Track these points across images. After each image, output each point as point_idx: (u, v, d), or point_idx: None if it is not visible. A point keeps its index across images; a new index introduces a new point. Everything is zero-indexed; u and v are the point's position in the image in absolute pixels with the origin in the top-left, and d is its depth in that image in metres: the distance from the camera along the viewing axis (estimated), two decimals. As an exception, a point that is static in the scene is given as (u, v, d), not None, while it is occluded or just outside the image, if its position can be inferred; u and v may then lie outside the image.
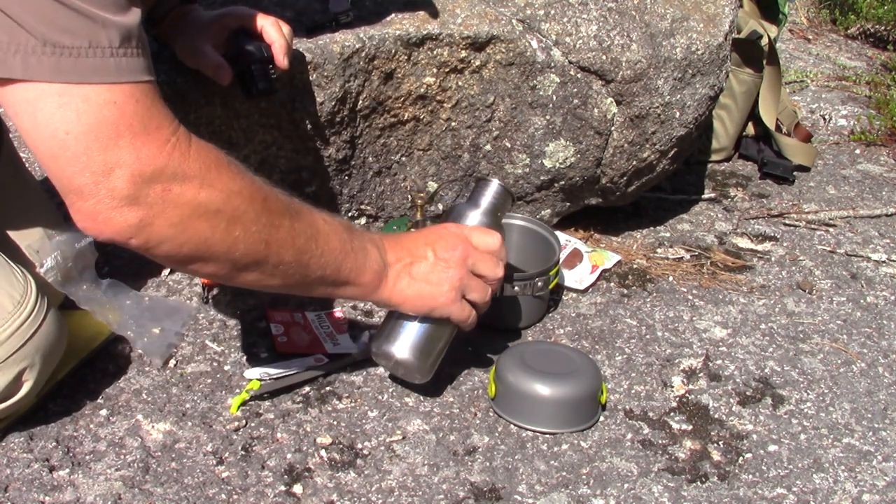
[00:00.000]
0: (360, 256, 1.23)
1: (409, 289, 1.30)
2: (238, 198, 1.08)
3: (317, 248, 1.18)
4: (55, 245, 1.38)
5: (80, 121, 0.97)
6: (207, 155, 1.06)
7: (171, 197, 1.02)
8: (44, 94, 0.97)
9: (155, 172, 1.01)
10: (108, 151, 0.98)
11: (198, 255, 1.08)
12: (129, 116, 0.99)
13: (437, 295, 1.31)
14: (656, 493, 1.31)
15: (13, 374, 1.23)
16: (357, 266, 1.23)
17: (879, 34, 3.46)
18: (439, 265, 1.30)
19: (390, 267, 1.28)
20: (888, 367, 1.62)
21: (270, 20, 1.41)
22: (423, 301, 1.31)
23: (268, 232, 1.11)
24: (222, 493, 1.24)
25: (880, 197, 2.23)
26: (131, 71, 1.00)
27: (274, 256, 1.13)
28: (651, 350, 1.61)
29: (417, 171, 1.71)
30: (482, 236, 1.36)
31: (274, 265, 1.14)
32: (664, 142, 1.75)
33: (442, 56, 1.60)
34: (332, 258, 1.20)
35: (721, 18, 1.76)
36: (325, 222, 1.20)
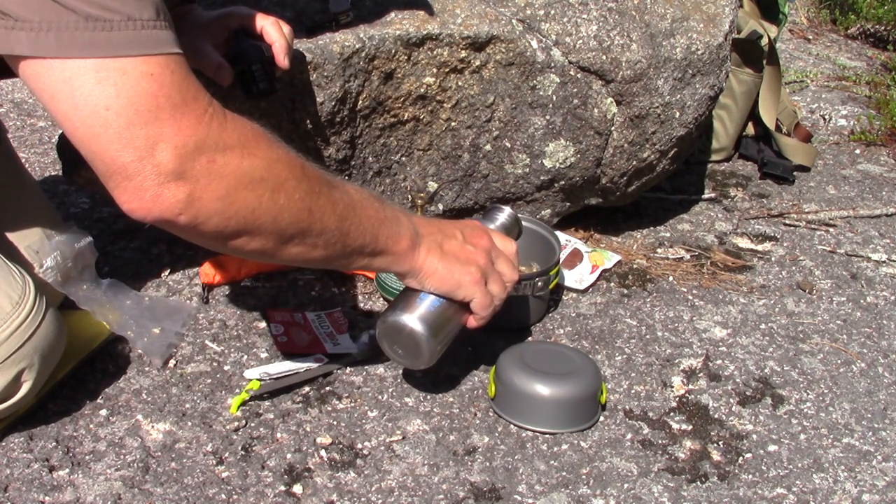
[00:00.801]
0: (394, 225, 1.23)
1: (441, 262, 1.28)
2: (279, 164, 1.08)
3: (355, 216, 1.17)
4: (55, 245, 1.38)
5: (120, 95, 0.96)
6: (244, 124, 1.07)
7: (216, 168, 1.02)
8: (80, 72, 0.96)
9: (198, 144, 1.00)
10: (150, 125, 0.97)
11: (245, 227, 1.07)
12: (168, 87, 0.99)
13: (465, 273, 1.29)
14: (656, 493, 1.31)
15: (12, 374, 1.23)
16: (392, 234, 1.22)
17: (879, 34, 3.46)
18: (468, 246, 1.30)
19: (421, 236, 1.27)
20: (888, 367, 1.62)
21: (270, 20, 1.41)
22: (451, 277, 1.29)
23: (310, 199, 1.11)
24: (222, 493, 1.24)
25: (880, 197, 2.23)
26: (164, 43, 1.00)
27: (317, 224, 1.13)
28: (651, 350, 1.61)
29: (417, 171, 1.71)
30: (502, 240, 1.38)
31: (318, 233, 1.14)
32: (664, 142, 1.75)
33: (442, 56, 1.60)
34: (370, 225, 1.19)
35: (721, 18, 1.76)
36: (357, 192, 1.21)
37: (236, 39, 1.41)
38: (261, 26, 1.41)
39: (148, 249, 1.75)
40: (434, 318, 1.32)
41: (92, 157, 1.00)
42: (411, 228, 1.26)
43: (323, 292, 1.67)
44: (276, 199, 1.07)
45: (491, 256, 1.33)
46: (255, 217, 1.07)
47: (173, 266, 1.70)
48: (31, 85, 1.00)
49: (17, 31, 0.96)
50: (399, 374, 1.49)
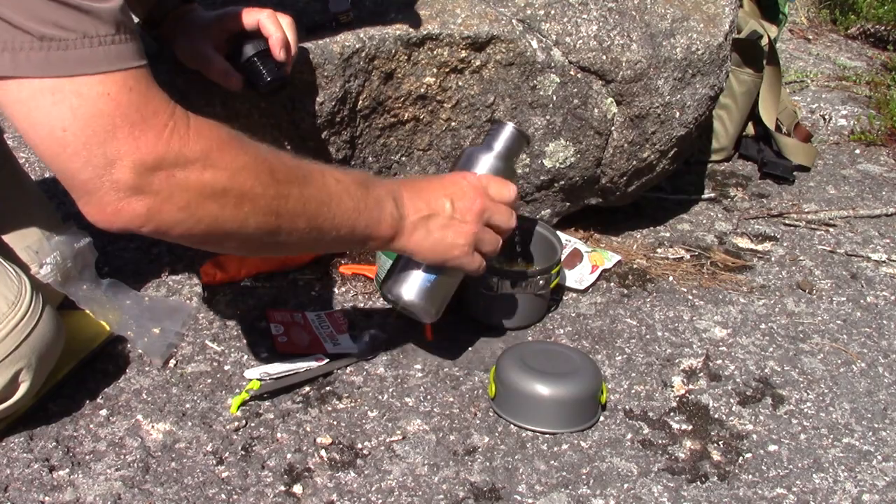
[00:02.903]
0: (376, 212, 1.23)
1: (426, 241, 1.30)
2: (243, 174, 1.07)
3: (329, 212, 1.17)
4: (54, 245, 1.38)
5: (76, 116, 0.96)
6: (209, 134, 1.05)
7: (176, 182, 1.02)
8: (37, 93, 0.96)
9: (156, 160, 1.00)
10: (108, 144, 0.97)
11: (212, 234, 1.08)
12: (125, 107, 0.98)
13: (452, 248, 1.32)
14: (656, 493, 1.31)
15: (9, 375, 1.23)
16: (372, 222, 1.23)
17: (879, 34, 3.46)
18: (456, 219, 1.30)
19: (407, 219, 1.27)
20: (888, 367, 1.62)
21: (265, 13, 1.39)
22: (437, 253, 1.32)
23: (277, 203, 1.11)
24: (222, 493, 1.24)
25: (880, 197, 2.23)
26: (122, 58, 0.99)
27: (286, 225, 1.13)
28: (651, 350, 1.61)
29: (417, 171, 1.71)
30: (499, 187, 1.36)
31: (288, 233, 1.14)
32: (664, 142, 1.75)
33: (442, 56, 1.59)
34: (346, 218, 1.19)
35: (721, 18, 1.76)
36: (337, 182, 1.19)
37: (236, 39, 1.41)
38: (257, 20, 1.39)
39: (148, 249, 1.75)
40: (429, 285, 1.37)
41: (54, 171, 1.02)
42: (394, 213, 1.26)
43: (323, 292, 1.67)
44: (241, 207, 1.08)
45: (483, 218, 1.33)
46: (220, 225, 1.08)
47: (173, 266, 1.70)
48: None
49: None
50: (399, 374, 1.49)
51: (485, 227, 1.34)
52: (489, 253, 1.36)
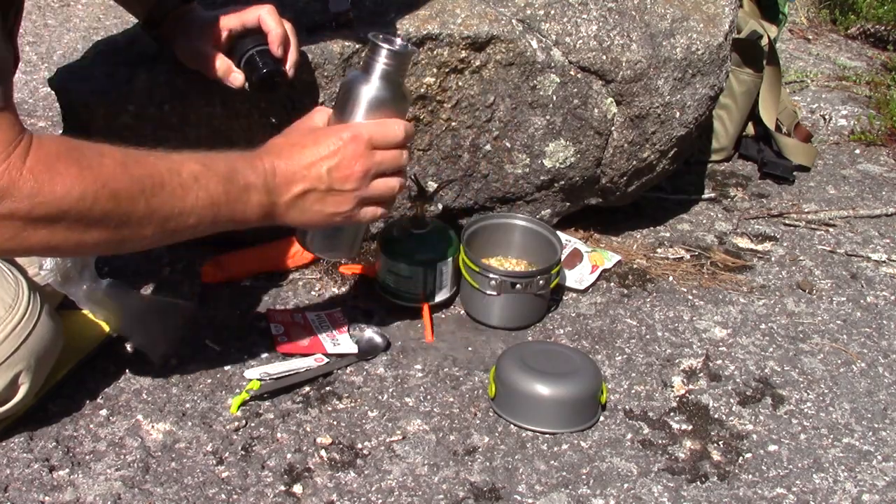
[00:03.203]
0: (240, 204, 1.19)
1: (302, 216, 1.26)
2: (80, 202, 1.06)
3: (181, 215, 1.14)
4: (55, 245, 1.38)
5: None
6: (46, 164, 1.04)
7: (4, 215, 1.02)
8: None
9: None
10: None
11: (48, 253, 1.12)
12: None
13: (332, 216, 1.27)
14: (656, 493, 1.31)
15: (9, 377, 1.23)
16: (236, 212, 1.19)
17: (879, 34, 3.46)
18: (334, 189, 1.24)
19: (279, 201, 1.22)
20: (888, 367, 1.62)
21: (267, 8, 1.38)
22: (317, 223, 1.29)
23: (118, 220, 1.10)
24: (222, 493, 1.24)
25: (880, 197, 2.23)
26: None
27: (132, 235, 1.13)
28: (651, 350, 1.61)
29: (417, 171, 1.71)
30: (383, 132, 1.27)
31: (135, 241, 1.15)
32: (664, 142, 1.75)
33: (442, 56, 1.59)
34: (204, 214, 1.16)
35: (721, 18, 1.76)
36: (195, 179, 1.15)
37: (235, 36, 1.41)
38: (257, 16, 1.39)
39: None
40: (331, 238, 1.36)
41: None
42: (263, 200, 1.21)
43: (323, 292, 1.67)
44: (74, 231, 1.08)
45: (368, 176, 1.26)
46: (53, 248, 1.09)
47: (173, 265, 1.70)
48: None
49: None
50: (399, 374, 1.49)
51: (372, 182, 1.27)
52: (386, 202, 1.31)
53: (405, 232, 1.62)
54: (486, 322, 1.62)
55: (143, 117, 1.49)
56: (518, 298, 1.60)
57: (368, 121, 1.26)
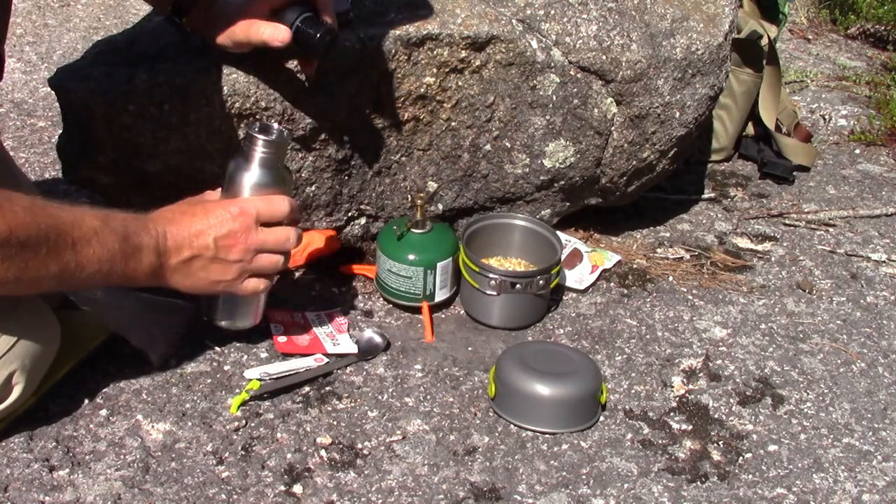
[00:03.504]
0: (132, 263, 1.23)
1: (186, 280, 1.30)
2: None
3: (78, 266, 1.17)
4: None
5: None
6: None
7: None
8: None
9: None
10: None
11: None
12: None
13: (215, 284, 1.32)
14: (656, 493, 1.31)
15: (2, 377, 1.23)
16: (128, 270, 1.23)
17: (879, 34, 3.46)
18: (219, 258, 1.30)
19: (166, 265, 1.27)
20: (888, 367, 1.62)
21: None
22: (199, 289, 1.33)
23: (18, 269, 1.12)
24: (222, 493, 1.24)
25: (880, 197, 2.23)
26: None
27: (28, 283, 1.15)
28: (651, 350, 1.61)
29: (417, 171, 1.71)
30: (269, 207, 1.33)
31: (30, 287, 1.18)
32: (664, 142, 1.75)
33: (442, 56, 1.59)
34: (99, 268, 1.20)
35: (721, 18, 1.76)
36: (94, 234, 1.18)
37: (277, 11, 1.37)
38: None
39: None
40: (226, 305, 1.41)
41: None
42: (153, 261, 1.25)
43: (323, 292, 1.67)
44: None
45: (251, 250, 1.31)
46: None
47: (173, 266, 1.70)
48: None
49: None
50: (399, 374, 1.49)
51: (257, 256, 1.32)
52: (269, 273, 1.36)
53: (405, 232, 1.62)
54: (486, 322, 1.62)
55: (143, 117, 1.48)
56: (518, 298, 1.60)
57: (255, 196, 1.33)
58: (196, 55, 1.49)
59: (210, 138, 1.52)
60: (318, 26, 1.37)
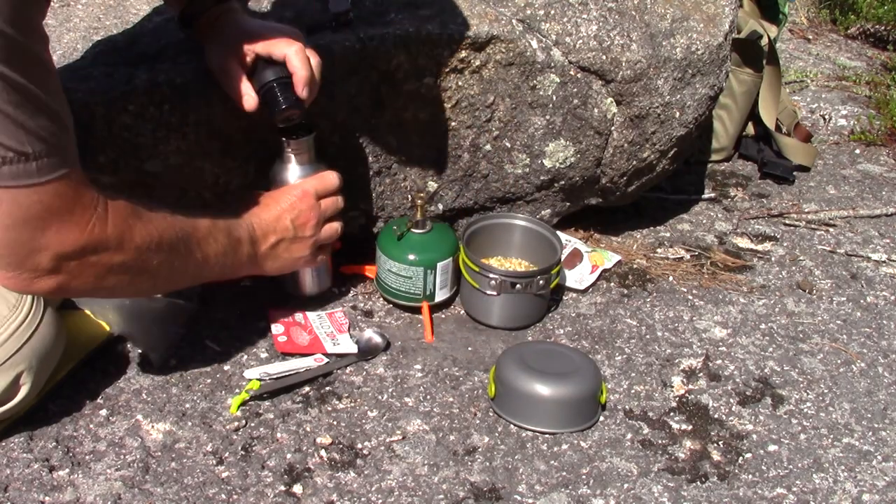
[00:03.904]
0: (236, 254, 1.38)
1: (275, 263, 1.47)
2: (145, 252, 1.21)
3: (204, 265, 1.33)
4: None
5: (11, 217, 1.06)
6: (123, 219, 1.17)
7: (89, 263, 1.15)
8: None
9: (76, 251, 1.13)
10: (36, 239, 1.09)
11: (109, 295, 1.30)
12: (56, 209, 1.09)
13: (297, 262, 1.50)
14: (656, 493, 1.31)
15: (10, 377, 1.23)
16: (236, 263, 1.39)
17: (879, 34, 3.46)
18: (298, 236, 1.47)
19: (259, 252, 1.43)
20: (888, 367, 1.62)
21: (295, 48, 1.37)
22: (285, 269, 1.51)
23: (168, 270, 1.27)
24: (222, 493, 1.24)
25: (880, 197, 2.23)
26: (53, 168, 1.07)
27: (166, 283, 1.32)
28: (651, 350, 1.61)
29: (417, 171, 1.71)
30: (322, 183, 1.50)
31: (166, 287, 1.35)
32: (664, 142, 1.75)
33: (442, 56, 1.59)
34: (216, 263, 1.35)
35: (721, 18, 1.76)
36: (209, 233, 1.33)
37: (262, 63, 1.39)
38: (283, 55, 1.37)
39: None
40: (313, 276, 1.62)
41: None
42: (249, 252, 1.41)
43: (323, 292, 1.67)
44: (136, 278, 1.23)
45: (320, 223, 1.49)
46: (113, 291, 1.25)
47: (173, 266, 1.70)
48: None
49: None
50: (399, 374, 1.49)
51: (322, 227, 1.50)
52: (333, 241, 1.55)
53: (405, 232, 1.62)
54: (486, 322, 1.62)
55: (143, 117, 1.48)
56: (518, 298, 1.60)
57: (309, 177, 1.51)
58: (196, 55, 1.49)
59: (210, 138, 1.52)
60: (286, 98, 1.39)
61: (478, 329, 1.62)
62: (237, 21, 1.43)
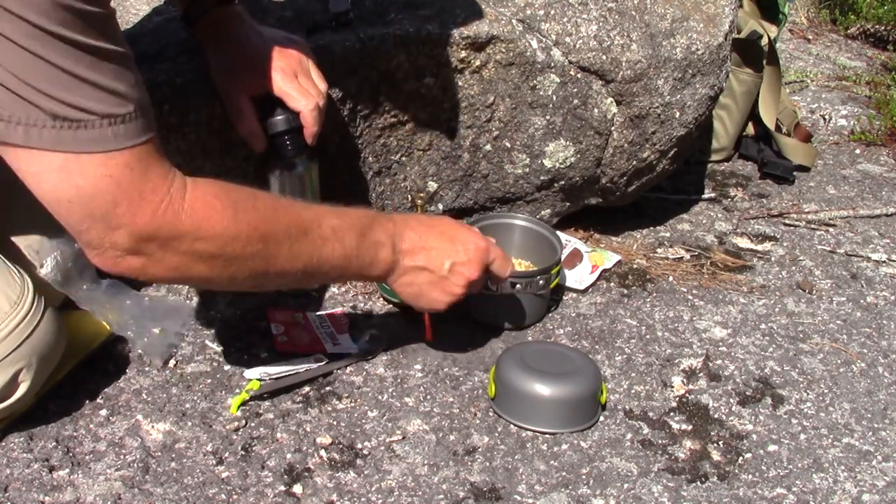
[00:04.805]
0: (369, 257, 1.29)
1: (409, 288, 1.37)
2: (234, 242, 1.14)
3: (318, 262, 1.23)
4: (55, 245, 1.38)
5: (80, 194, 1.03)
6: (203, 205, 1.11)
7: (169, 249, 1.10)
8: (46, 169, 1.02)
9: (151, 233, 1.08)
10: (108, 218, 1.05)
11: (202, 284, 1.20)
12: (126, 186, 1.05)
13: (432, 301, 1.39)
14: (656, 493, 1.31)
15: (9, 375, 1.23)
16: (364, 265, 1.29)
17: (879, 34, 3.46)
18: (450, 281, 1.36)
19: (399, 263, 1.33)
20: (888, 367, 1.62)
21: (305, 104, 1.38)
22: (414, 300, 1.39)
23: (266, 262, 1.18)
24: (222, 493, 1.24)
25: (880, 197, 2.23)
26: (128, 136, 1.04)
27: (273, 276, 1.21)
28: (651, 350, 1.61)
29: (417, 171, 1.71)
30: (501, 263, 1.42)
31: (274, 282, 1.25)
32: (664, 142, 1.75)
33: (442, 56, 1.59)
34: (335, 265, 1.26)
35: (721, 18, 1.76)
36: (333, 232, 1.24)
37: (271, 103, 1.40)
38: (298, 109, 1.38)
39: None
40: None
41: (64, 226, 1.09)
42: (389, 258, 1.31)
43: (323, 292, 1.67)
44: (229, 268, 1.16)
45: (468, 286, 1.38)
46: (209, 281, 1.18)
47: (173, 266, 1.70)
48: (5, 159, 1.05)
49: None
50: (399, 374, 1.49)
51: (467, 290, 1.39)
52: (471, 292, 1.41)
53: (405, 232, 1.61)
54: (486, 322, 1.62)
55: (143, 117, 1.48)
56: (518, 298, 1.60)
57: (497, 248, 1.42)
58: (196, 55, 1.49)
59: (210, 138, 1.52)
60: (295, 146, 1.41)
61: (478, 329, 1.62)
62: (243, 36, 1.41)
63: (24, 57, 0.96)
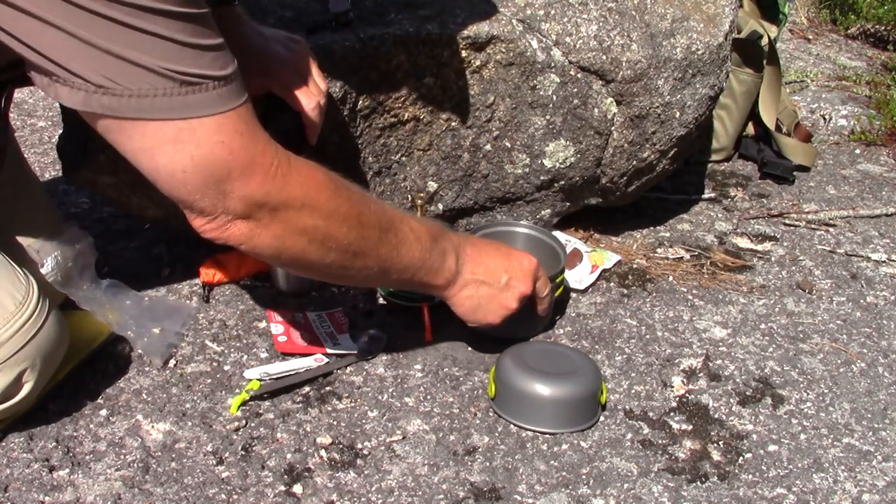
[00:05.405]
0: (437, 263, 1.33)
1: (468, 301, 1.41)
2: (335, 217, 1.18)
3: (398, 257, 1.28)
4: (55, 245, 1.38)
5: (195, 162, 1.06)
6: (307, 176, 1.16)
7: (278, 216, 1.13)
8: (159, 142, 1.04)
9: (263, 198, 1.11)
10: (222, 184, 1.08)
11: (295, 260, 1.21)
12: (237, 150, 1.08)
13: (489, 314, 1.42)
14: (656, 493, 1.31)
15: (13, 375, 1.23)
16: (431, 271, 1.33)
17: (879, 34, 3.47)
18: (507, 295, 1.41)
19: (462, 275, 1.37)
20: (888, 367, 1.62)
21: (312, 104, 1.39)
22: (472, 313, 1.42)
23: (357, 245, 1.22)
24: (222, 493, 1.24)
25: (880, 197, 2.23)
26: (231, 97, 1.07)
27: (360, 263, 1.24)
28: (651, 350, 1.61)
29: (417, 171, 1.71)
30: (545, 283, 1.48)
31: (358, 270, 1.26)
32: (664, 142, 1.75)
33: (442, 56, 1.59)
34: (410, 265, 1.30)
35: (721, 18, 1.76)
36: (411, 231, 1.28)
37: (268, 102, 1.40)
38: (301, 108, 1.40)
39: (148, 249, 1.75)
40: None
41: (173, 198, 1.11)
42: (453, 269, 1.36)
43: (323, 292, 1.67)
44: (326, 244, 1.19)
45: (521, 299, 1.43)
46: (304, 255, 1.20)
47: (173, 266, 1.70)
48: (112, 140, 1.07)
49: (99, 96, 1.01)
50: (399, 374, 1.49)
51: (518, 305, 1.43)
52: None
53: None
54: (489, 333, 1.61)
55: (143, 117, 1.48)
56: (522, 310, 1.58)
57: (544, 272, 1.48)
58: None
59: (210, 138, 1.52)
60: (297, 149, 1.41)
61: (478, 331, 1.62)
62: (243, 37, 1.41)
63: (127, 30, 0.98)
